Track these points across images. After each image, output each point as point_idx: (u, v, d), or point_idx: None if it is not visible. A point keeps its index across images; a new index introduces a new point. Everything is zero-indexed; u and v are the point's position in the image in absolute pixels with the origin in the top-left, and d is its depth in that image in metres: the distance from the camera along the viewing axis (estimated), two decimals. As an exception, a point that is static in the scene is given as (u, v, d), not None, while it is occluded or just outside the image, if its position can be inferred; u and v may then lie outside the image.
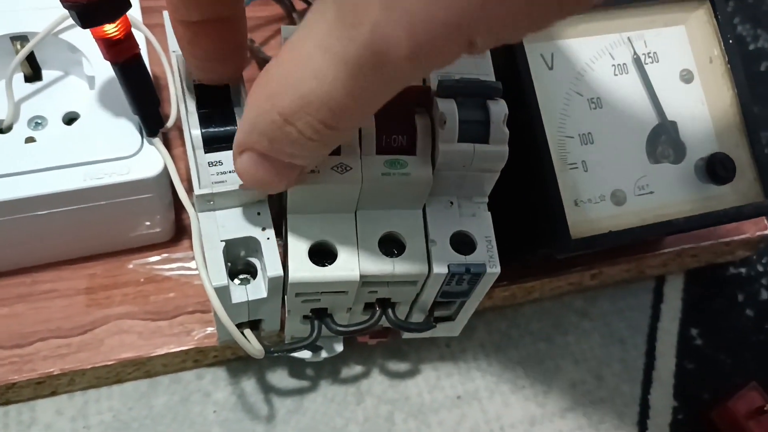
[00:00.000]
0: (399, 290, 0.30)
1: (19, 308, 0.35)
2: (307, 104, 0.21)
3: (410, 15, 0.18)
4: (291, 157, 0.24)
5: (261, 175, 0.25)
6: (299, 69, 0.21)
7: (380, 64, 0.19)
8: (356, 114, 0.22)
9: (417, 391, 0.39)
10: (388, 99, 0.23)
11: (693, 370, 0.42)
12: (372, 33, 0.18)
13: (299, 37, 0.21)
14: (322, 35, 0.20)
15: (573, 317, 0.43)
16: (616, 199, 0.33)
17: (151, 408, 0.36)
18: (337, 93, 0.20)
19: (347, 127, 0.23)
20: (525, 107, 0.32)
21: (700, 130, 0.35)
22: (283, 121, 0.22)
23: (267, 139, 0.23)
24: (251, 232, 0.28)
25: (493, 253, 0.29)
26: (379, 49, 0.19)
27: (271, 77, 0.22)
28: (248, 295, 0.29)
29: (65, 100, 0.35)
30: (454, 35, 0.18)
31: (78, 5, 0.25)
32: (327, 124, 0.21)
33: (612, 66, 0.34)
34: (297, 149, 0.23)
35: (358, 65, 0.19)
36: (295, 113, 0.21)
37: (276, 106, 0.22)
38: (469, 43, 0.18)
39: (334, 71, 0.20)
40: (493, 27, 0.18)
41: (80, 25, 0.26)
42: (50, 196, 0.31)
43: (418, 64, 0.19)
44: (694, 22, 0.36)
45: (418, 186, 0.28)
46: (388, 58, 0.19)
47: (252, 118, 0.23)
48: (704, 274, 0.46)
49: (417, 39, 0.18)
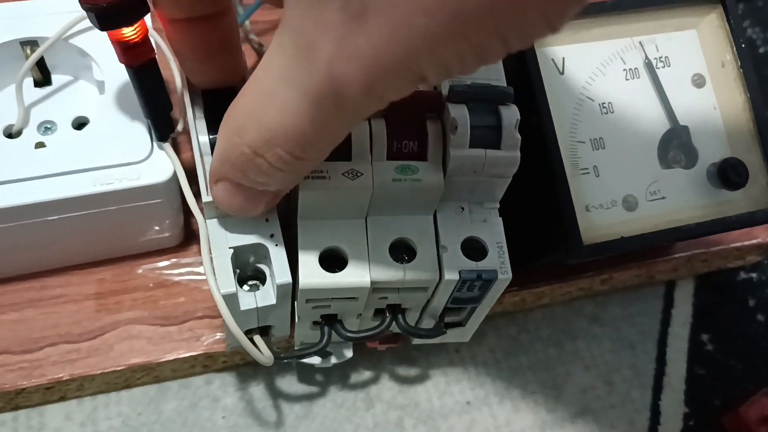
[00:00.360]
0: (410, 296, 0.30)
1: (29, 313, 0.35)
2: (273, 137, 0.22)
3: (360, 52, 0.18)
4: (264, 186, 0.25)
5: (236, 202, 0.26)
6: (263, 102, 0.22)
7: (339, 96, 0.20)
8: (321, 144, 0.22)
9: (426, 396, 0.38)
10: (351, 129, 0.25)
11: (704, 375, 0.42)
12: (328, 69, 0.19)
13: (261, 71, 0.22)
14: (282, 69, 0.20)
15: (583, 322, 0.42)
16: (627, 205, 0.33)
17: (160, 413, 0.36)
18: (301, 124, 0.21)
19: (315, 157, 0.23)
20: (536, 112, 0.32)
21: (712, 135, 0.35)
22: (252, 153, 0.23)
23: (238, 170, 0.24)
24: (260, 239, 0.28)
25: (504, 259, 0.29)
26: (336, 83, 0.19)
27: (238, 111, 0.23)
28: (257, 301, 0.29)
29: (75, 105, 0.35)
30: (403, 72, 0.18)
31: (97, 7, 0.25)
32: (295, 155, 0.22)
33: (623, 70, 0.34)
34: (268, 179, 0.24)
35: (318, 97, 0.20)
36: (263, 145, 0.22)
37: (244, 139, 0.22)
38: (421, 78, 0.19)
39: (296, 103, 0.20)
40: (441, 65, 0.18)
41: (99, 28, 0.26)
42: (60, 201, 0.31)
43: (373, 97, 0.19)
44: (706, 27, 0.35)
45: (429, 192, 0.28)
46: (345, 92, 0.19)
47: (222, 151, 0.24)
48: (715, 279, 0.45)
49: (369, 75, 0.18)
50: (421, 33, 0.17)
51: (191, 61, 0.28)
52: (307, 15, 0.19)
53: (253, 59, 0.43)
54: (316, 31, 0.19)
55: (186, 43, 0.28)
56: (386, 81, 0.19)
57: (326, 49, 0.19)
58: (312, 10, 0.19)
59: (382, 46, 0.18)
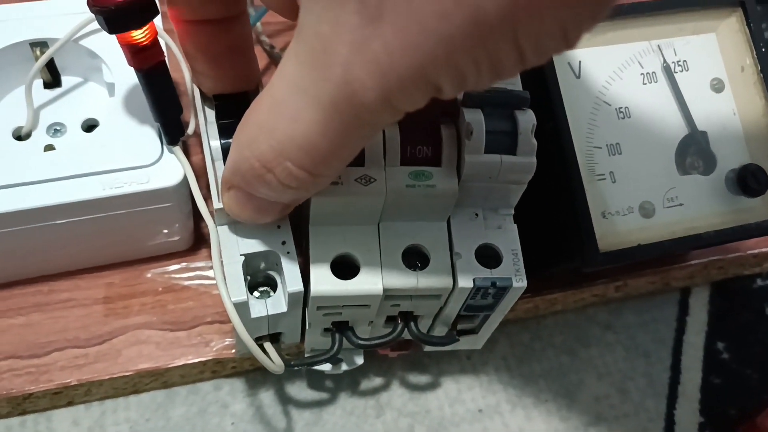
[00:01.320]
0: (422, 304, 0.30)
1: (36, 317, 0.34)
2: (284, 150, 0.21)
3: (377, 58, 0.18)
4: (274, 198, 0.24)
5: (247, 211, 0.26)
6: (275, 112, 0.21)
7: (353, 104, 0.19)
8: (333, 159, 0.22)
9: (438, 404, 0.38)
10: (364, 144, 0.24)
11: (719, 385, 0.41)
12: (344, 74, 0.18)
13: (274, 82, 0.21)
14: (296, 77, 0.20)
15: (597, 330, 0.42)
16: (644, 212, 0.33)
17: (168, 419, 0.35)
18: (314, 136, 0.20)
19: (325, 174, 0.23)
20: (552, 117, 0.31)
21: (731, 141, 0.34)
22: (262, 168, 0.22)
23: (248, 183, 0.24)
24: (271, 246, 0.28)
25: (519, 266, 0.28)
26: (352, 90, 0.19)
27: (251, 122, 0.22)
28: (268, 309, 0.28)
29: (84, 107, 0.35)
30: (419, 81, 0.18)
31: (106, 10, 0.25)
32: (306, 170, 0.22)
33: (641, 74, 0.34)
34: (277, 194, 0.23)
35: (332, 104, 0.19)
36: (273, 160, 0.22)
37: (254, 152, 0.22)
38: (436, 89, 0.19)
39: (310, 113, 0.20)
40: (457, 75, 0.18)
41: (107, 31, 0.26)
42: (68, 205, 0.31)
43: (389, 106, 0.19)
44: (726, 30, 0.35)
45: (443, 198, 0.28)
46: (361, 100, 0.19)
47: (234, 161, 0.24)
48: (730, 286, 0.45)
49: (385, 82, 0.18)
50: (437, 38, 0.17)
51: (201, 65, 0.28)
52: (323, 18, 0.18)
53: (265, 61, 0.43)
54: (332, 34, 0.18)
55: (197, 46, 0.27)
56: (402, 89, 0.18)
57: (342, 53, 0.18)
58: (328, 12, 0.18)
59: (398, 51, 0.17)
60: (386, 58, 0.18)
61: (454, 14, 0.16)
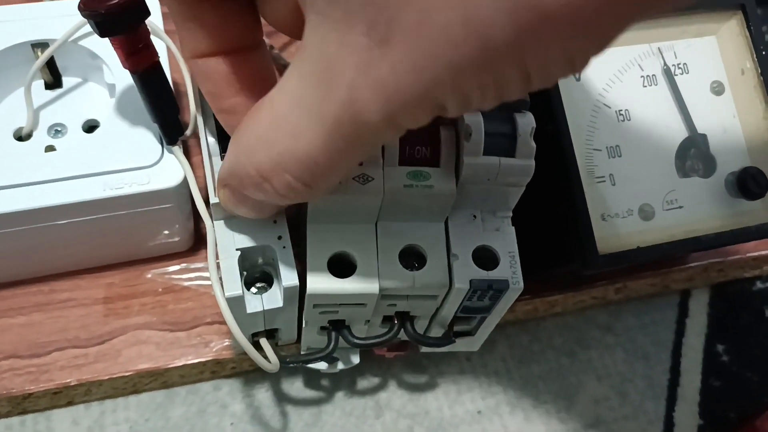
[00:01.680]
0: (419, 304, 0.30)
1: (37, 317, 0.34)
2: (283, 163, 0.21)
3: (383, 80, 0.18)
4: (269, 202, 0.24)
5: (241, 209, 0.26)
6: (275, 128, 0.21)
7: (356, 123, 0.19)
8: (331, 173, 0.22)
9: (437, 405, 0.38)
10: (364, 158, 0.25)
11: (719, 387, 0.41)
12: (349, 94, 0.18)
13: (275, 96, 0.21)
14: (298, 94, 0.20)
15: (596, 332, 0.42)
16: (644, 214, 0.33)
17: (167, 419, 0.35)
18: (314, 152, 0.20)
19: (322, 187, 0.23)
20: (552, 119, 0.31)
21: (731, 144, 0.34)
22: (259, 176, 0.22)
23: (244, 187, 0.24)
24: (267, 241, 0.28)
25: (516, 269, 0.28)
26: (356, 110, 0.19)
27: (249, 133, 0.22)
28: (264, 304, 0.28)
29: (85, 108, 0.35)
30: (424, 103, 0.18)
31: (97, 14, 0.25)
32: (303, 182, 0.22)
33: (641, 77, 0.34)
34: (272, 201, 0.23)
35: (334, 123, 0.19)
36: (271, 171, 0.22)
37: (252, 161, 0.22)
38: (441, 109, 0.19)
39: (311, 130, 0.20)
40: (462, 97, 0.18)
41: (99, 34, 0.26)
42: (69, 206, 0.31)
43: (392, 125, 0.19)
44: (726, 33, 0.35)
45: (441, 199, 0.28)
46: (364, 120, 0.19)
47: (231, 163, 0.24)
48: (730, 288, 0.45)
49: (389, 104, 0.18)
50: (445, 63, 0.17)
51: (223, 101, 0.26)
52: (330, 37, 0.18)
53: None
54: (339, 54, 0.18)
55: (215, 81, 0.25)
56: (406, 110, 0.18)
57: (347, 73, 0.18)
58: (335, 32, 0.18)
59: (404, 75, 0.17)
60: (392, 80, 0.18)
61: (463, 41, 0.16)
